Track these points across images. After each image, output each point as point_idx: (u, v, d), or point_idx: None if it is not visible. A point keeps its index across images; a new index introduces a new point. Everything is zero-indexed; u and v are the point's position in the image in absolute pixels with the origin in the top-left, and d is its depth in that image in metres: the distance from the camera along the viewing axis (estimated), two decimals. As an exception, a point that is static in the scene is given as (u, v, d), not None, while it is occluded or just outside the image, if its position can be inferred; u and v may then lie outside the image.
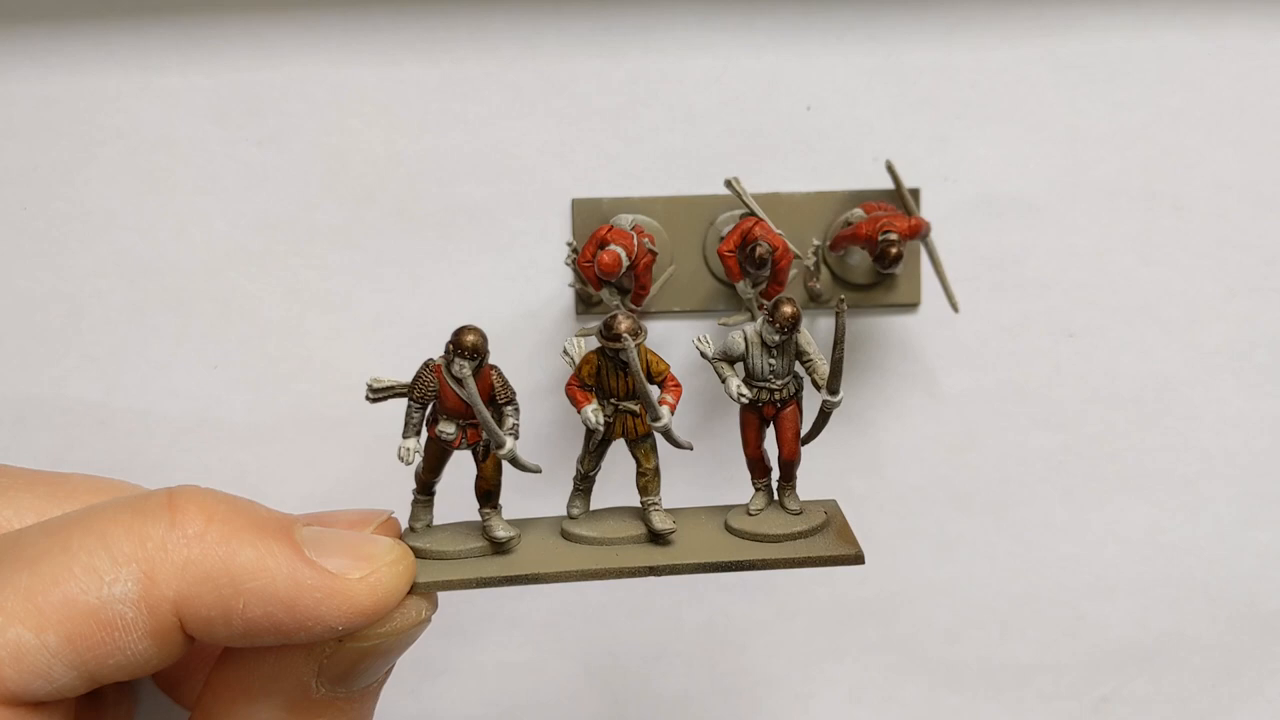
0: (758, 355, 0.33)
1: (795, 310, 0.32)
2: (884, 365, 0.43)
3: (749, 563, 0.32)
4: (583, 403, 0.32)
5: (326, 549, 0.28)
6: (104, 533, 0.26)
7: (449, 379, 0.31)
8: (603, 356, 0.32)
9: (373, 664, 0.29)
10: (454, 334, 0.31)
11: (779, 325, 0.32)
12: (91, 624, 0.25)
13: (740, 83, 0.41)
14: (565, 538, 0.33)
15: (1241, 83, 0.42)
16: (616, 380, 0.32)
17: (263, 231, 0.42)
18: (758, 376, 0.33)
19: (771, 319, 0.32)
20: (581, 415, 0.32)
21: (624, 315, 0.31)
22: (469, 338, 0.31)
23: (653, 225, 0.41)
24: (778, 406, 0.33)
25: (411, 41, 0.41)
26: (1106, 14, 0.41)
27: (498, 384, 0.32)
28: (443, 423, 0.32)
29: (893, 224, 0.38)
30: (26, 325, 0.42)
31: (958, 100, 0.42)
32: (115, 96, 0.41)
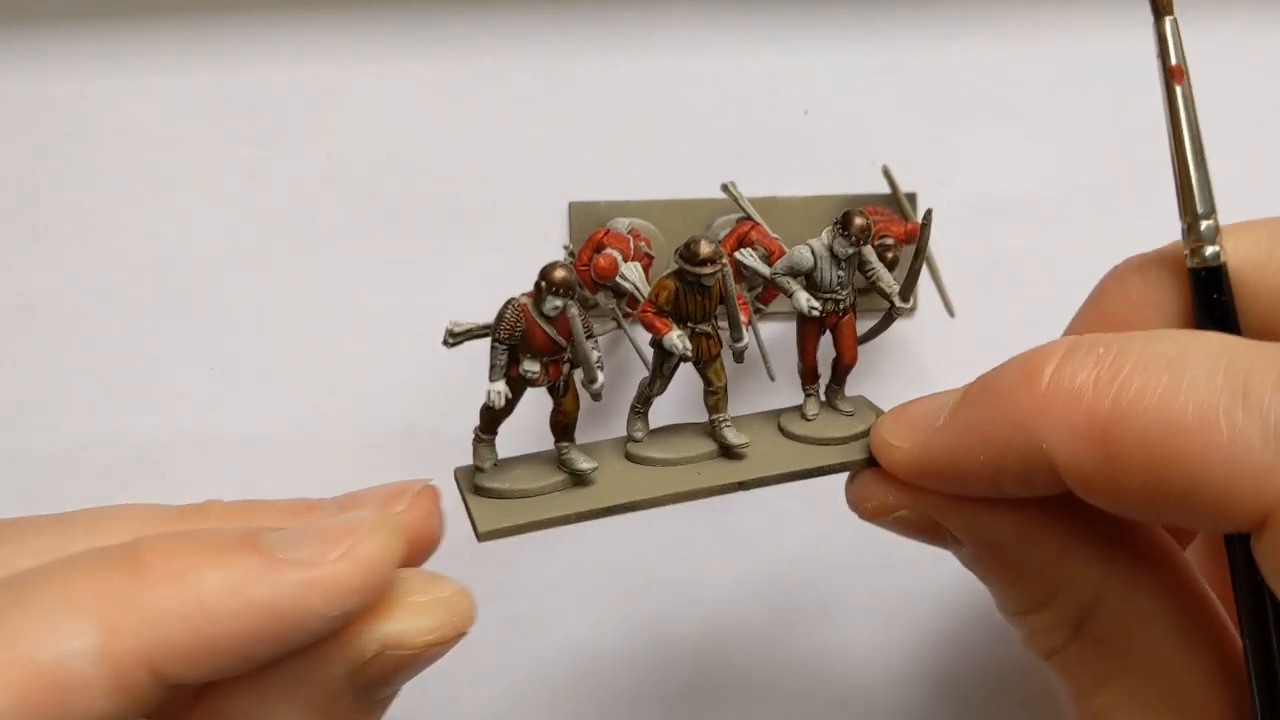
0: (827, 268, 0.33)
1: (866, 221, 0.32)
2: (880, 369, 0.43)
3: (830, 467, 0.32)
4: (664, 329, 0.32)
5: (297, 544, 0.26)
6: (64, 587, 0.24)
7: (538, 318, 0.31)
8: (682, 281, 0.32)
9: (410, 671, 0.28)
10: (543, 272, 0.30)
11: (854, 237, 0.32)
12: (47, 683, 0.23)
13: (737, 86, 0.41)
14: (634, 460, 0.33)
15: (1240, 84, 0.42)
16: (695, 305, 0.32)
17: (262, 231, 0.42)
18: (825, 288, 0.33)
19: (846, 231, 0.32)
20: (666, 342, 0.32)
21: (704, 240, 0.31)
22: (559, 273, 0.30)
23: (649, 229, 0.41)
24: (840, 315, 0.34)
25: (410, 42, 0.41)
26: (1104, 15, 0.41)
27: (582, 319, 0.31)
28: (526, 362, 0.31)
29: (889, 229, 0.38)
30: (26, 326, 0.42)
31: (956, 102, 0.41)
32: (115, 96, 0.41)
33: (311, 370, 0.43)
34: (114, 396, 0.43)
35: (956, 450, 0.28)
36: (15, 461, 0.43)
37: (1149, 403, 0.24)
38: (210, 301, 0.42)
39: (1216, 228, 0.29)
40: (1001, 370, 0.28)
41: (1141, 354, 0.25)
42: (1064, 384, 0.25)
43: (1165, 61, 0.30)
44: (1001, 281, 0.42)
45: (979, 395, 0.28)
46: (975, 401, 0.28)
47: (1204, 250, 0.29)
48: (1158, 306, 0.31)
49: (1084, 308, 0.34)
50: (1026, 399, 0.26)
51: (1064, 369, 0.26)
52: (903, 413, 0.30)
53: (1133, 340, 0.26)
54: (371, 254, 0.42)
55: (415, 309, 0.43)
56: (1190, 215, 0.29)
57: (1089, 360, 0.25)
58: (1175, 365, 0.24)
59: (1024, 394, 0.26)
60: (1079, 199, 0.42)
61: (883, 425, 0.31)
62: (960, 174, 0.42)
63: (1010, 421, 0.26)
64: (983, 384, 0.28)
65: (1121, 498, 0.25)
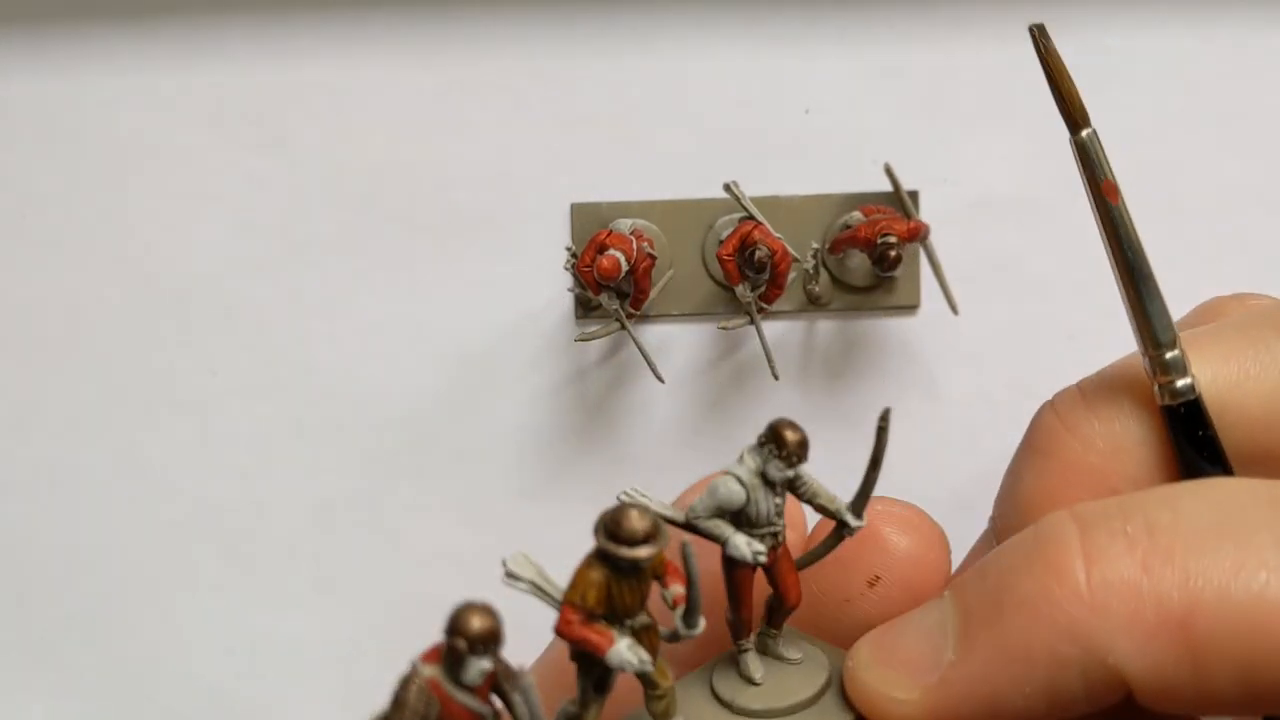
0: (761, 498, 0.25)
1: (802, 435, 0.25)
2: (883, 368, 0.43)
3: None
4: (604, 644, 0.22)
5: None
6: None
7: (455, 692, 0.21)
8: (611, 569, 0.22)
9: None
10: (455, 623, 0.20)
11: (791, 456, 0.25)
12: None
13: (739, 86, 0.41)
14: None
15: (1240, 83, 0.42)
16: (630, 593, 0.23)
17: (263, 237, 0.42)
18: (762, 523, 0.25)
19: (781, 451, 0.25)
20: (615, 659, 0.22)
21: (634, 510, 0.22)
22: (477, 623, 0.20)
23: (652, 229, 0.41)
24: (777, 550, 0.26)
25: (411, 47, 0.41)
26: (1105, 14, 0.41)
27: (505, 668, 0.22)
28: None
29: (892, 227, 0.38)
30: (26, 332, 0.42)
31: (957, 102, 0.42)
32: (114, 102, 0.41)
33: (313, 375, 0.43)
34: (115, 402, 0.42)
35: (993, 684, 0.22)
36: (16, 465, 0.43)
37: (1224, 583, 0.20)
38: (211, 306, 0.42)
39: (1183, 355, 0.26)
40: (1012, 573, 0.22)
41: (1179, 525, 0.21)
42: (1111, 578, 0.21)
43: (1095, 180, 0.27)
44: (1003, 280, 0.42)
45: (998, 610, 0.22)
46: (998, 619, 0.22)
47: (1175, 384, 0.25)
48: (1132, 451, 0.26)
49: (1030, 458, 0.29)
50: (1073, 606, 0.21)
51: (1100, 560, 0.21)
52: (887, 653, 0.24)
53: (1153, 506, 0.22)
54: (373, 258, 0.42)
55: (418, 314, 0.42)
56: (1153, 348, 0.26)
57: (1119, 543, 0.21)
58: (1229, 531, 0.21)
59: (1066, 599, 0.21)
60: (1079, 198, 0.42)
61: (866, 675, 0.24)
62: (962, 173, 0.42)
63: (1060, 636, 0.21)
64: (992, 595, 0.23)
65: (1211, 698, 0.21)
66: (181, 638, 0.44)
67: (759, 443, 0.25)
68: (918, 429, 0.43)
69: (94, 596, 0.43)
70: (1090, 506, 0.23)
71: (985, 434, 0.43)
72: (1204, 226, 0.42)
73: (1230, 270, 0.42)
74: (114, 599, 0.43)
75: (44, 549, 0.43)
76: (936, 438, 0.43)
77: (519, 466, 0.43)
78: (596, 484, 0.43)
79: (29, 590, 0.43)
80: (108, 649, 0.44)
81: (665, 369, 0.42)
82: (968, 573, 0.24)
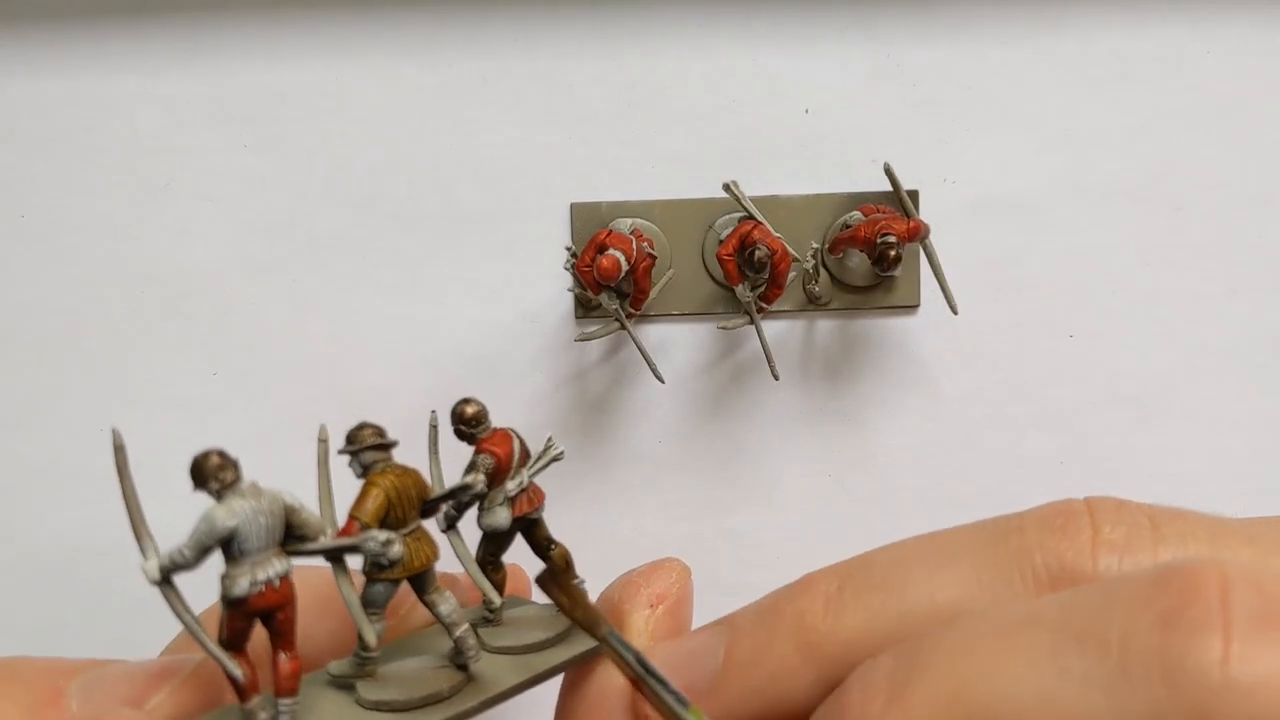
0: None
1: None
2: (883, 367, 0.43)
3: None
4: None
5: (94, 694, 0.23)
6: None
7: None
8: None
9: None
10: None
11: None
12: None
13: (739, 85, 0.41)
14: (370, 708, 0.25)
15: (1240, 82, 0.42)
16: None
17: (262, 237, 0.42)
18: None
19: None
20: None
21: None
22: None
23: (651, 229, 0.41)
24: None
25: (410, 47, 0.41)
26: (1104, 14, 0.41)
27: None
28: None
29: (891, 227, 0.38)
30: (26, 334, 0.42)
31: (956, 102, 0.42)
32: (113, 103, 0.41)
33: (313, 375, 0.43)
34: (114, 404, 0.43)
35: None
36: (17, 466, 0.43)
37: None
38: (211, 306, 0.42)
39: None
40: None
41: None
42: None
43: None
44: (1002, 279, 0.42)
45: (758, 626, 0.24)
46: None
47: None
48: None
49: None
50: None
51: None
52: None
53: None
54: (373, 258, 0.42)
55: (418, 313, 0.42)
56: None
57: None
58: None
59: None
60: (1079, 198, 0.42)
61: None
62: (962, 172, 0.42)
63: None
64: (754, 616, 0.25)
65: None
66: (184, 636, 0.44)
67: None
68: (916, 427, 0.43)
69: (93, 596, 0.44)
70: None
71: (983, 432, 0.43)
72: (1204, 226, 0.42)
73: (1230, 270, 0.42)
74: (113, 599, 0.44)
75: (43, 549, 0.43)
76: (935, 436, 0.43)
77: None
78: (596, 483, 0.43)
79: (28, 590, 0.44)
80: (106, 651, 0.44)
81: (665, 369, 0.42)
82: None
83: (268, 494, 0.23)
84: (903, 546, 0.24)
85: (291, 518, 0.23)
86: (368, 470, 0.26)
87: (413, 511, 0.26)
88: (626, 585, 0.29)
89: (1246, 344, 0.43)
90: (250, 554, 0.22)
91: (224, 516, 0.22)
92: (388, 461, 0.26)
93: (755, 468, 0.43)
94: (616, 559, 0.44)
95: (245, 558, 0.22)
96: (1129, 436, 0.43)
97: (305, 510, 0.23)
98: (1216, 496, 0.44)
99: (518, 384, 0.42)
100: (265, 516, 0.22)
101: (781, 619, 0.24)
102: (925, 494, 0.44)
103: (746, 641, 0.24)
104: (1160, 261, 0.43)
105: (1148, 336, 0.43)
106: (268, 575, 0.22)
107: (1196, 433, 0.43)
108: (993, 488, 0.43)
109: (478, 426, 0.28)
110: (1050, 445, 0.43)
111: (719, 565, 0.44)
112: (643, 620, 0.28)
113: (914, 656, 0.20)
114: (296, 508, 0.23)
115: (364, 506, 0.25)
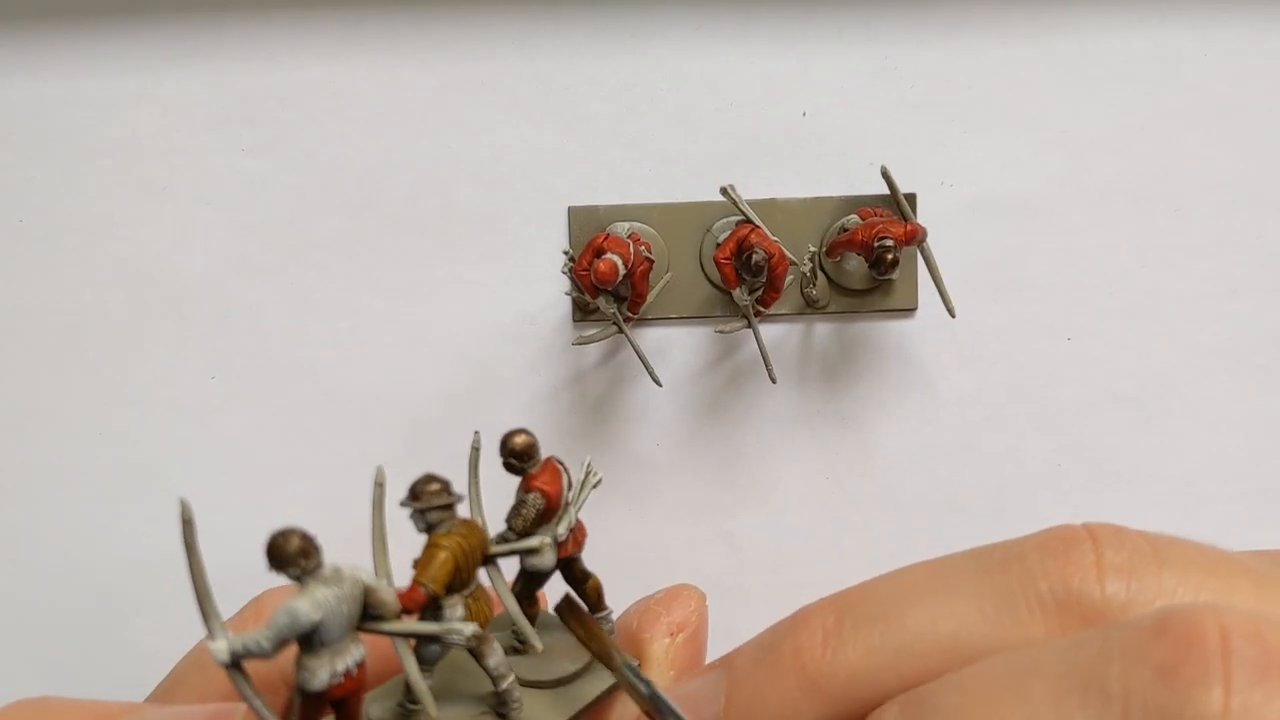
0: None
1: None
2: (881, 369, 0.43)
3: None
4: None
5: None
6: None
7: None
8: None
9: None
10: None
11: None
12: None
13: (736, 89, 0.41)
14: None
15: (1238, 83, 0.42)
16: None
17: (261, 239, 0.42)
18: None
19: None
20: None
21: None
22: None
23: (649, 232, 0.41)
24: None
25: (409, 49, 0.41)
26: (1103, 16, 0.41)
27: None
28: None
29: (889, 230, 0.38)
30: (25, 337, 0.42)
31: (954, 103, 0.41)
32: (112, 105, 0.41)
33: (312, 378, 0.43)
34: (114, 407, 0.43)
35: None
36: (18, 468, 0.43)
37: None
38: (210, 308, 0.42)
39: None
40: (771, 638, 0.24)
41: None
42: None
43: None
44: (1000, 282, 0.42)
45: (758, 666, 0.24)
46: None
47: None
48: None
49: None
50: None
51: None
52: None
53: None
54: (371, 261, 0.42)
55: (416, 316, 0.42)
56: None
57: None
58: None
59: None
60: (1077, 199, 0.42)
61: None
62: (960, 174, 0.42)
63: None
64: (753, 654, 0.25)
65: None
66: (181, 636, 0.44)
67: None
68: (915, 429, 0.43)
69: (93, 597, 0.44)
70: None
71: (982, 434, 0.43)
72: (1203, 227, 0.42)
73: (1230, 270, 0.42)
74: (113, 599, 0.44)
75: (43, 549, 0.43)
76: (933, 438, 0.43)
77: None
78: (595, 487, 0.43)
79: (28, 590, 0.44)
80: (106, 650, 0.44)
81: (663, 372, 0.42)
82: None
83: (348, 577, 0.21)
84: (900, 576, 0.23)
85: (369, 597, 0.21)
86: (432, 528, 0.24)
87: (475, 570, 0.24)
88: (645, 613, 0.29)
89: (1246, 344, 0.43)
90: (330, 644, 0.21)
91: (309, 610, 0.20)
92: (452, 520, 0.24)
93: (753, 470, 0.43)
94: (616, 562, 0.44)
95: (325, 648, 0.21)
96: (1128, 437, 0.43)
97: (382, 588, 0.22)
98: (1216, 497, 0.44)
99: (515, 387, 0.42)
100: (347, 604, 0.21)
101: (780, 657, 0.23)
102: (924, 496, 0.44)
103: (747, 683, 0.24)
104: (1159, 262, 0.43)
105: (1147, 337, 0.43)
106: (346, 665, 0.21)
107: (1196, 433, 0.43)
108: (992, 489, 0.43)
109: (528, 461, 0.26)
110: (1049, 446, 0.43)
111: (718, 568, 0.44)
112: (663, 649, 0.28)
113: (919, 707, 0.20)
114: (374, 587, 0.22)
115: (431, 572, 0.23)
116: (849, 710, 0.22)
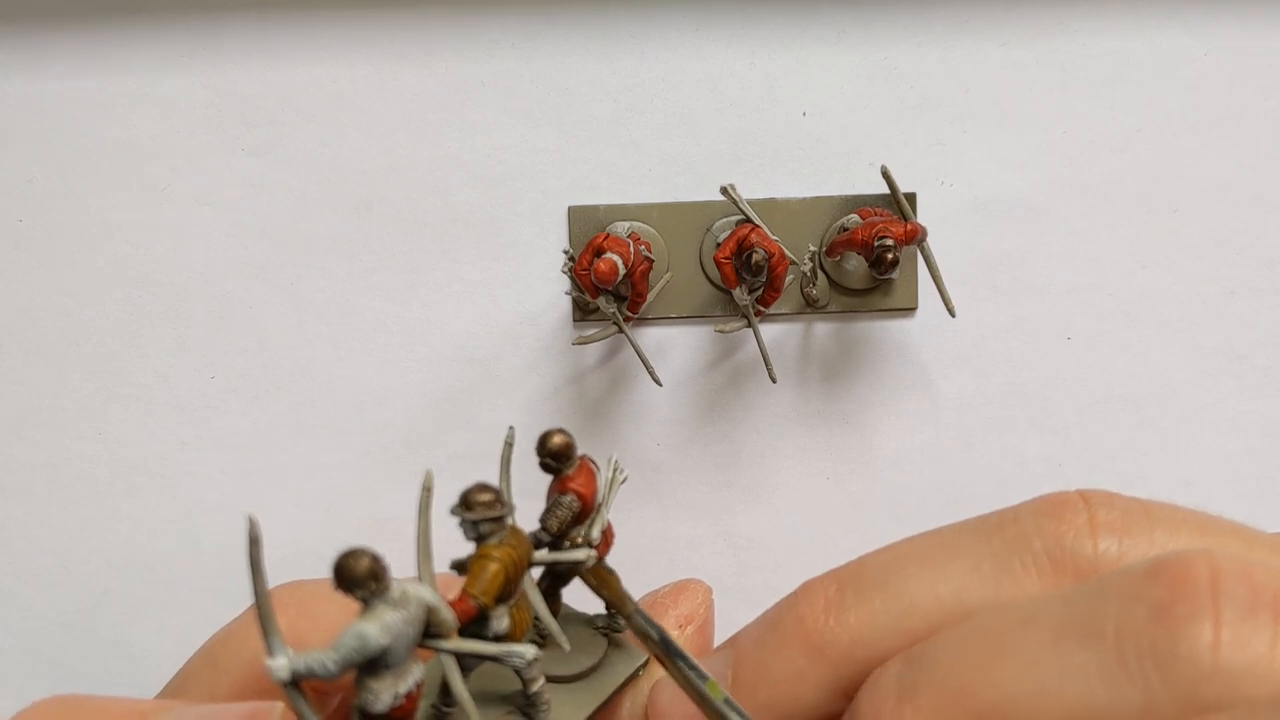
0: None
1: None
2: (881, 369, 0.43)
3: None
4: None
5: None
6: None
7: None
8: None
9: None
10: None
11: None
12: None
13: (736, 89, 0.41)
14: None
15: (1237, 84, 0.42)
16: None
17: (260, 240, 0.42)
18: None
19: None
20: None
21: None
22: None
23: (649, 232, 0.41)
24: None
25: (409, 50, 0.41)
26: (1102, 17, 0.41)
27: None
28: None
29: (889, 230, 0.38)
30: (24, 337, 0.42)
31: (954, 104, 0.42)
32: (112, 106, 0.41)
33: (311, 377, 0.43)
34: (113, 408, 0.43)
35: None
36: (18, 468, 0.43)
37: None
38: (210, 309, 0.42)
39: None
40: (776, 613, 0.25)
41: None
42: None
43: None
44: (1000, 282, 0.42)
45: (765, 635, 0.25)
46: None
47: None
48: None
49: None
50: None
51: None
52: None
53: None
54: (371, 261, 0.42)
55: (415, 316, 0.42)
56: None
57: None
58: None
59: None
60: (1077, 200, 0.42)
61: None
62: (959, 174, 0.42)
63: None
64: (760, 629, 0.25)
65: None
66: (182, 638, 0.44)
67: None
68: (915, 429, 0.43)
69: (92, 597, 0.44)
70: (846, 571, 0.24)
71: (982, 434, 0.43)
72: (1202, 227, 0.42)
73: (1229, 271, 0.42)
74: (112, 599, 0.44)
75: (42, 549, 0.43)
76: (933, 438, 0.43)
77: (518, 469, 0.42)
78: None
79: (27, 589, 0.44)
80: (106, 649, 0.44)
81: (663, 372, 0.42)
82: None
83: (413, 599, 0.21)
84: (898, 546, 0.24)
85: (431, 617, 0.21)
86: (483, 539, 0.24)
87: (521, 581, 0.24)
88: (654, 606, 0.29)
89: (1245, 344, 0.43)
90: (394, 667, 0.20)
91: (378, 634, 0.20)
92: (502, 530, 0.24)
93: (754, 470, 0.43)
94: (616, 562, 0.44)
95: (388, 671, 0.20)
96: (1128, 437, 0.43)
97: (443, 608, 0.21)
98: (1216, 497, 0.44)
99: (515, 387, 0.42)
100: (413, 627, 0.20)
101: (784, 627, 0.24)
102: (924, 496, 0.43)
103: (753, 655, 0.25)
104: (1158, 263, 0.43)
105: (1146, 337, 0.43)
106: (408, 686, 0.21)
107: (1196, 433, 0.43)
108: (992, 489, 0.43)
109: (565, 462, 0.25)
110: (1049, 446, 0.43)
111: (718, 567, 0.44)
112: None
113: (920, 659, 0.21)
114: (436, 607, 0.21)
115: (482, 584, 0.23)
116: (852, 672, 0.22)
